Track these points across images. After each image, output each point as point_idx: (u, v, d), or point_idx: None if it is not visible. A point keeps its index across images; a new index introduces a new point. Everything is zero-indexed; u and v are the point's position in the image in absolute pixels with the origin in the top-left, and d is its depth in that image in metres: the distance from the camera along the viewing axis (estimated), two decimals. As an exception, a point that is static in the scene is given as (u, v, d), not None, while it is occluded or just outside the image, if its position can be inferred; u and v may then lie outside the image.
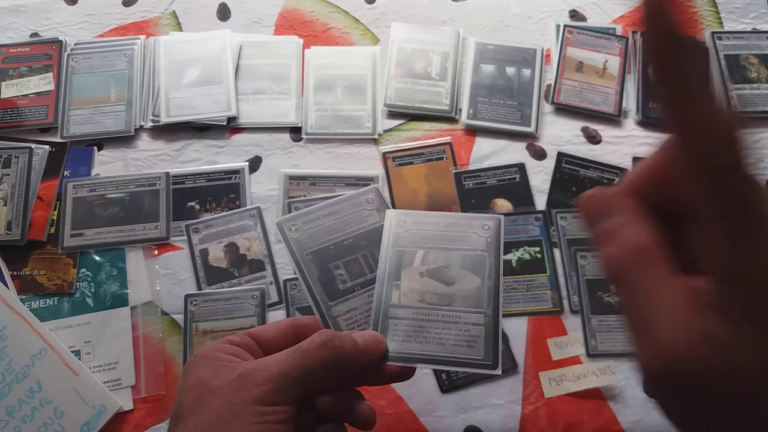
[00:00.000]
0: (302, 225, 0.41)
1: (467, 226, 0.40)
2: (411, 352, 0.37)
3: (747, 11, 0.71)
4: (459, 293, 0.39)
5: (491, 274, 0.39)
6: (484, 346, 0.37)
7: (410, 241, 0.40)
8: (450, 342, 0.37)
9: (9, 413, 0.55)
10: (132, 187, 0.64)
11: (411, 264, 0.40)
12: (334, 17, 0.72)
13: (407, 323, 0.38)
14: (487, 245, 0.40)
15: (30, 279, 0.61)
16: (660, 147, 0.26)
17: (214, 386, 0.33)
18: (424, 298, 0.39)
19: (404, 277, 0.39)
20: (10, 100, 0.68)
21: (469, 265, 0.39)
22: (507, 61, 0.69)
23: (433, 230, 0.41)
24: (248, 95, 0.68)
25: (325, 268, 0.40)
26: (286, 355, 0.34)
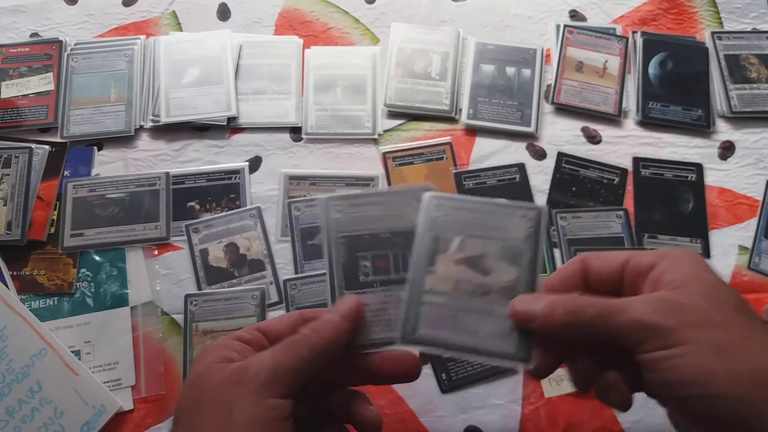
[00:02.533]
0: (347, 207, 0.40)
1: (508, 216, 0.39)
2: (443, 340, 0.36)
3: (747, 11, 0.71)
4: (495, 284, 0.37)
5: (529, 267, 0.37)
6: (518, 339, 0.36)
7: (448, 226, 0.39)
8: (483, 333, 0.36)
9: (9, 413, 0.55)
10: (132, 187, 0.64)
11: (447, 250, 0.38)
12: (334, 17, 0.72)
13: (440, 310, 0.37)
14: (527, 237, 0.38)
15: (30, 279, 0.61)
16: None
17: (210, 384, 0.33)
18: (458, 287, 0.37)
19: (439, 263, 0.38)
20: (10, 100, 0.68)
21: (508, 256, 0.38)
22: (507, 61, 0.69)
23: (473, 217, 0.39)
24: (248, 95, 0.68)
25: (353, 256, 0.39)
26: (277, 347, 0.34)
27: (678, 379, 0.30)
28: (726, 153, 0.66)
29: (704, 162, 0.65)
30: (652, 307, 0.31)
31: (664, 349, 0.30)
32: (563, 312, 0.34)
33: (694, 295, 0.31)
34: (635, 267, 0.35)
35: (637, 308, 0.32)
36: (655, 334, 0.31)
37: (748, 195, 0.64)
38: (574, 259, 0.37)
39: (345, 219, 0.40)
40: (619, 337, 0.32)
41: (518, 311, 0.36)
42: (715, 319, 0.31)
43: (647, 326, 0.31)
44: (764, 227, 0.62)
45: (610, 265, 0.36)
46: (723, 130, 0.66)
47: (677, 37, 0.70)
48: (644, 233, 0.62)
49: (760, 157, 0.65)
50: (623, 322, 0.32)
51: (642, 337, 0.31)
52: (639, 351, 0.31)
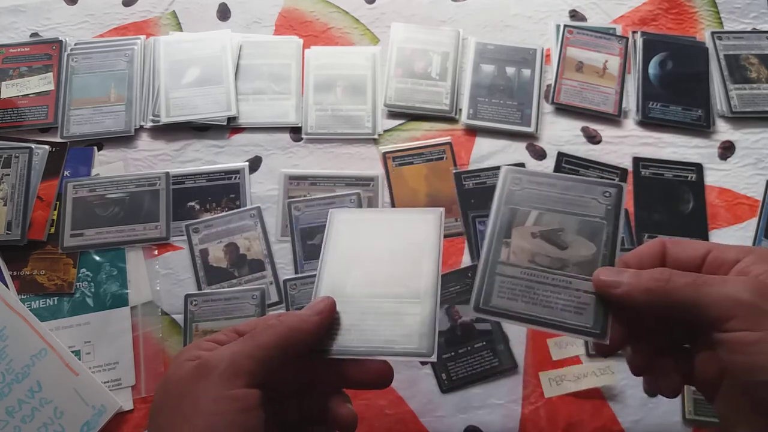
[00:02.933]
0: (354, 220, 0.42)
1: (587, 191, 0.39)
2: (517, 311, 0.37)
3: (747, 11, 0.71)
4: (572, 258, 0.37)
5: (608, 243, 0.37)
6: (594, 314, 0.36)
7: (524, 199, 0.39)
8: (558, 306, 0.36)
9: (9, 413, 0.55)
10: (132, 187, 0.64)
11: (523, 223, 0.38)
12: (334, 17, 0.72)
13: (515, 282, 0.37)
14: (606, 213, 0.38)
15: (30, 279, 0.61)
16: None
17: (176, 381, 0.33)
18: (534, 260, 0.38)
19: (515, 236, 0.38)
20: (10, 100, 0.68)
21: (586, 231, 0.38)
22: (507, 61, 0.69)
23: (550, 192, 0.39)
24: (248, 95, 0.68)
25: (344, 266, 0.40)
26: (240, 339, 0.34)
27: (761, 364, 0.29)
28: (726, 153, 0.66)
29: (704, 162, 0.65)
30: (749, 286, 0.31)
31: (753, 330, 0.30)
32: (651, 278, 0.34)
33: None
34: (718, 258, 0.35)
35: (733, 284, 0.32)
36: (748, 312, 0.30)
37: (748, 195, 0.64)
38: (654, 241, 0.37)
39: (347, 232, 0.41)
40: (709, 310, 0.32)
41: (604, 280, 0.36)
42: None
43: (742, 303, 0.31)
44: (764, 227, 0.62)
45: (691, 252, 0.36)
46: (723, 130, 0.66)
47: (677, 37, 0.70)
48: (644, 233, 0.62)
49: (760, 157, 0.65)
50: (717, 294, 0.31)
51: (733, 313, 0.31)
52: (725, 328, 0.31)
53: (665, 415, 0.55)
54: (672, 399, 0.37)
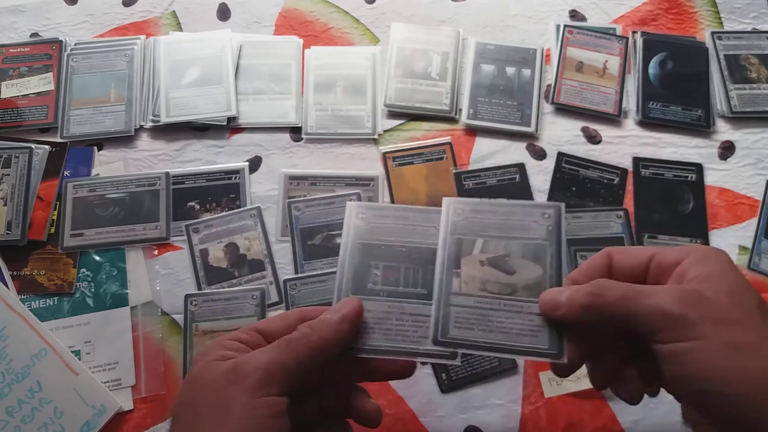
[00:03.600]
0: (370, 216, 0.41)
1: (527, 215, 0.40)
2: (474, 340, 0.37)
3: (747, 11, 0.71)
4: (520, 282, 0.38)
5: (553, 263, 0.38)
6: (549, 335, 0.36)
7: (469, 229, 0.40)
8: (514, 331, 0.37)
9: (9, 413, 0.55)
10: (132, 187, 0.64)
11: (470, 252, 0.39)
12: (334, 17, 0.72)
13: (469, 311, 0.38)
14: (548, 234, 0.39)
15: (30, 279, 0.61)
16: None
17: (206, 382, 0.33)
18: (485, 287, 0.38)
19: (464, 266, 0.39)
20: (10, 100, 0.68)
21: (531, 254, 0.39)
22: (507, 61, 0.69)
23: (492, 219, 0.40)
24: (248, 95, 0.68)
25: (365, 263, 0.40)
26: (273, 345, 0.34)
27: (693, 374, 0.30)
28: (726, 153, 0.66)
29: (704, 162, 0.65)
30: (677, 296, 0.32)
31: (682, 341, 0.30)
32: (585, 293, 0.34)
33: (718, 291, 0.32)
34: (661, 262, 0.35)
35: (661, 295, 0.32)
36: (675, 324, 0.31)
37: (748, 195, 0.64)
38: (600, 253, 0.37)
39: (366, 227, 0.41)
40: (640, 323, 0.32)
41: (545, 302, 0.36)
42: (735, 316, 0.31)
43: (669, 315, 0.31)
44: (764, 227, 0.62)
45: (635, 260, 0.36)
46: (723, 130, 0.66)
47: (677, 37, 0.70)
48: (644, 233, 0.62)
49: (760, 157, 0.65)
50: (646, 307, 0.32)
51: (662, 325, 0.31)
52: (657, 340, 0.31)
53: (665, 415, 0.55)
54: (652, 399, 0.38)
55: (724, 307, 0.31)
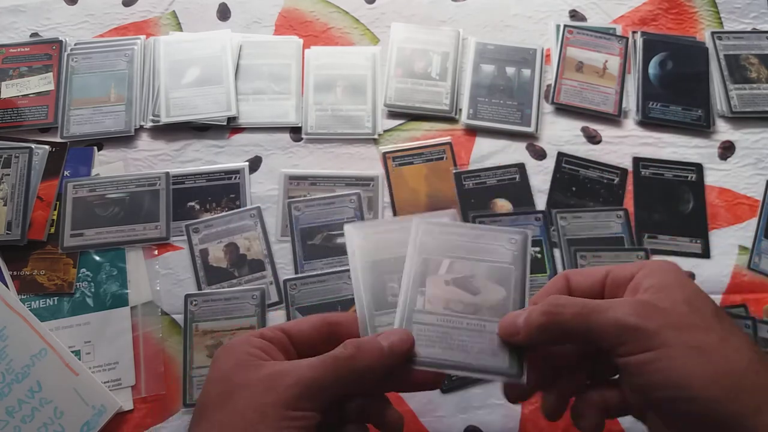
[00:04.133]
0: (371, 233, 0.42)
1: (494, 239, 0.41)
2: (435, 358, 0.37)
3: (747, 11, 0.71)
4: (484, 303, 0.39)
5: (517, 287, 0.39)
6: (509, 355, 0.37)
7: (436, 249, 0.41)
8: (475, 350, 0.37)
9: (9, 413, 0.55)
10: (132, 187, 0.64)
11: (437, 272, 0.40)
12: (334, 17, 0.72)
13: (432, 329, 0.38)
14: (513, 258, 0.40)
15: (30, 279, 0.61)
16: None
17: (239, 382, 0.33)
18: (449, 306, 0.39)
19: (429, 285, 0.40)
20: (10, 100, 0.68)
21: (496, 276, 0.40)
22: (507, 61, 0.69)
23: (460, 241, 0.41)
24: (248, 95, 0.68)
25: (380, 278, 0.41)
26: (317, 361, 0.33)
27: (660, 381, 0.30)
28: (726, 153, 0.66)
29: (704, 162, 0.65)
30: (634, 308, 0.32)
31: (645, 352, 0.30)
32: (541, 313, 0.34)
33: (674, 300, 0.32)
34: (615, 278, 0.36)
35: (618, 309, 0.32)
36: (635, 335, 0.31)
37: (748, 195, 0.64)
38: (558, 276, 0.38)
39: (370, 244, 0.42)
40: (599, 338, 0.32)
41: (504, 327, 0.37)
42: (694, 322, 0.31)
43: (628, 326, 0.31)
44: (764, 227, 0.62)
45: (591, 279, 0.37)
46: (723, 130, 0.66)
47: (677, 37, 0.70)
48: (644, 233, 0.62)
49: (760, 157, 0.65)
50: (604, 321, 0.32)
51: (623, 339, 0.31)
52: (619, 353, 0.31)
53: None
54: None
55: (682, 314, 0.31)
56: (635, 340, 0.31)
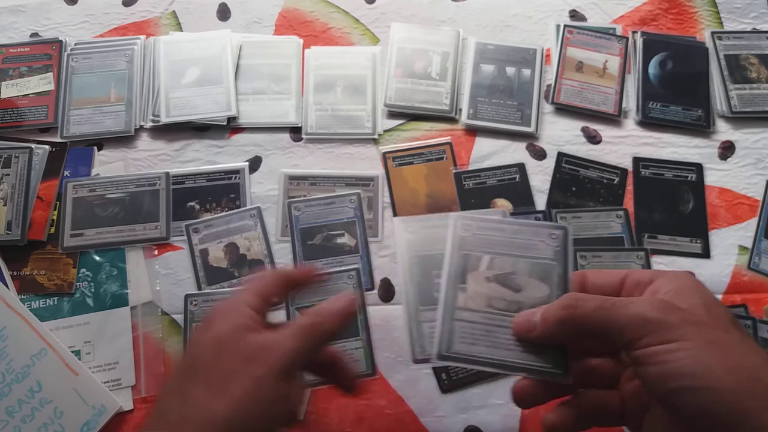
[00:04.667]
0: (419, 228, 0.42)
1: (534, 234, 0.40)
2: (478, 355, 0.37)
3: (747, 11, 0.71)
4: (527, 301, 0.38)
5: (560, 284, 0.39)
6: (554, 354, 0.37)
7: (476, 245, 0.40)
8: (519, 348, 0.37)
9: (9, 413, 0.55)
10: (132, 187, 0.64)
11: (477, 268, 0.39)
12: (334, 17, 0.72)
13: (474, 326, 0.38)
14: (555, 254, 0.39)
15: (30, 279, 0.61)
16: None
17: (235, 351, 0.35)
18: (491, 303, 0.38)
19: (470, 281, 0.39)
20: (10, 100, 0.68)
21: (538, 273, 0.39)
22: (507, 61, 0.69)
23: (500, 236, 0.40)
24: (248, 95, 0.68)
25: (427, 273, 0.41)
26: (292, 332, 0.37)
27: (677, 371, 0.31)
28: (726, 153, 0.66)
29: (704, 162, 0.65)
30: (655, 305, 0.33)
31: (665, 344, 0.31)
32: (559, 307, 0.35)
33: (693, 303, 0.33)
34: (634, 280, 0.37)
35: (640, 304, 0.33)
36: (657, 328, 0.32)
37: (748, 195, 0.64)
38: (574, 273, 0.39)
39: (417, 239, 0.42)
40: (620, 331, 0.33)
41: (518, 323, 0.37)
42: (713, 323, 0.32)
43: (650, 320, 0.32)
44: (764, 227, 0.62)
45: (608, 279, 0.38)
46: (723, 130, 0.66)
47: (677, 37, 0.70)
48: (644, 233, 0.62)
49: (760, 157, 0.65)
50: (625, 315, 0.33)
51: (644, 331, 0.32)
52: (639, 345, 0.32)
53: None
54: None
55: (701, 315, 0.32)
56: (656, 332, 0.32)
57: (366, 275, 0.61)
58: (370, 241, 0.62)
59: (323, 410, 0.57)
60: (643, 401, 0.35)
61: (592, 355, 0.39)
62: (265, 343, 0.36)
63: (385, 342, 0.59)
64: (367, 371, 0.58)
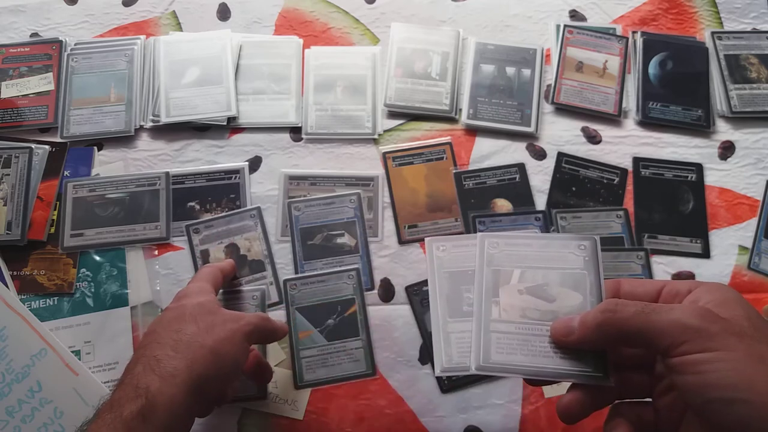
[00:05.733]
0: (450, 247, 0.44)
1: (563, 247, 0.41)
2: (517, 364, 0.38)
3: (747, 11, 0.71)
4: (562, 309, 0.39)
5: (593, 291, 0.40)
6: (593, 359, 0.37)
7: (505, 260, 0.42)
8: (558, 354, 0.38)
9: (9, 413, 0.55)
10: (132, 187, 0.64)
11: (508, 282, 0.41)
12: (334, 17, 0.72)
13: (511, 336, 0.39)
14: (585, 264, 0.41)
15: (30, 279, 0.61)
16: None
17: (220, 313, 0.48)
18: (525, 314, 0.40)
19: (503, 294, 0.41)
20: (10, 100, 0.68)
21: (569, 283, 0.40)
22: (507, 61, 0.69)
23: (528, 251, 0.42)
24: (248, 95, 0.68)
25: (456, 288, 0.42)
26: (256, 316, 0.49)
27: (717, 381, 0.30)
28: (726, 153, 0.66)
29: (704, 162, 0.65)
30: (696, 312, 0.32)
31: (705, 352, 0.31)
32: (598, 312, 0.35)
33: (735, 314, 0.32)
34: (672, 290, 0.36)
35: (680, 311, 0.33)
36: (697, 336, 0.31)
37: (748, 195, 0.64)
38: (610, 281, 0.39)
39: (448, 257, 0.43)
40: (658, 337, 0.33)
41: (556, 329, 0.38)
42: (756, 335, 0.31)
43: (690, 327, 0.32)
44: (764, 227, 0.62)
45: (645, 288, 0.38)
46: (723, 130, 0.67)
47: (677, 37, 0.70)
48: (644, 233, 0.62)
49: (760, 157, 0.65)
50: (665, 321, 0.32)
51: (684, 338, 0.32)
52: (677, 353, 0.32)
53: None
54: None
55: (743, 326, 0.32)
56: (696, 340, 0.31)
57: (366, 275, 0.61)
58: (370, 241, 0.62)
59: (323, 410, 0.57)
60: (677, 413, 0.35)
61: (626, 367, 0.39)
62: (235, 314, 0.48)
63: (385, 342, 0.59)
64: (367, 371, 0.58)
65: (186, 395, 0.41)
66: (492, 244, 0.42)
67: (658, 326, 0.32)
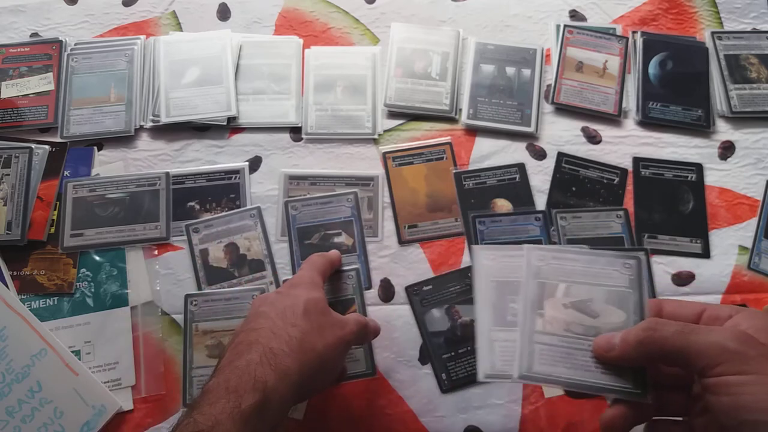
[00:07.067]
0: (498, 256, 0.45)
1: (609, 264, 0.42)
2: (558, 376, 0.40)
3: (747, 11, 0.71)
4: (605, 326, 0.40)
5: (636, 310, 0.41)
6: (633, 376, 0.38)
7: (551, 274, 0.43)
8: (599, 369, 0.39)
9: (9, 413, 0.55)
10: (132, 187, 0.64)
11: (553, 295, 0.42)
12: (334, 17, 0.72)
13: (554, 349, 0.40)
14: (630, 283, 0.42)
15: (30, 279, 0.61)
16: None
17: (324, 313, 0.48)
18: (569, 328, 0.41)
19: (548, 307, 0.42)
20: (10, 100, 0.68)
21: (614, 300, 0.41)
22: (507, 61, 0.69)
23: (573, 266, 0.43)
24: (248, 95, 0.68)
25: (502, 297, 0.43)
26: (356, 321, 0.49)
27: (752, 404, 0.31)
28: (726, 153, 0.66)
29: (704, 162, 0.65)
30: (735, 335, 0.33)
31: (741, 374, 0.32)
32: (640, 329, 0.36)
33: None
34: (713, 314, 0.38)
35: (720, 333, 0.34)
36: (734, 358, 0.32)
37: (748, 195, 0.64)
38: (651, 300, 0.41)
39: (496, 266, 0.44)
40: (696, 356, 0.34)
41: (598, 344, 0.39)
42: None
43: (728, 349, 0.33)
44: (764, 227, 0.62)
45: (687, 310, 0.39)
46: (723, 130, 0.66)
47: (677, 37, 0.70)
48: (644, 233, 0.62)
49: (760, 157, 0.65)
50: (704, 341, 0.34)
51: (721, 359, 0.33)
52: (713, 373, 0.33)
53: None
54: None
55: None
56: (733, 361, 0.32)
57: (363, 275, 0.61)
58: (370, 241, 0.62)
59: (323, 410, 0.57)
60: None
61: (664, 386, 0.40)
62: (341, 319, 0.49)
63: (385, 342, 0.59)
64: (367, 371, 0.58)
65: (293, 396, 0.42)
66: (539, 257, 0.43)
67: (697, 346, 0.34)
